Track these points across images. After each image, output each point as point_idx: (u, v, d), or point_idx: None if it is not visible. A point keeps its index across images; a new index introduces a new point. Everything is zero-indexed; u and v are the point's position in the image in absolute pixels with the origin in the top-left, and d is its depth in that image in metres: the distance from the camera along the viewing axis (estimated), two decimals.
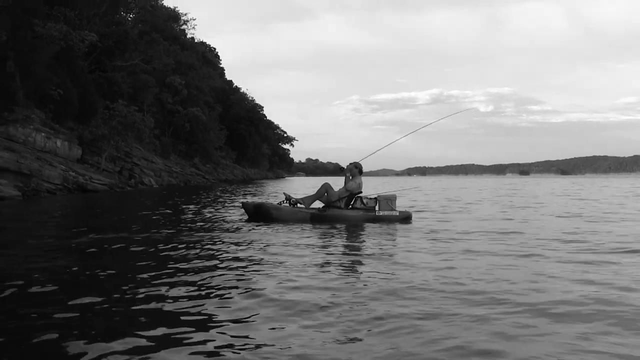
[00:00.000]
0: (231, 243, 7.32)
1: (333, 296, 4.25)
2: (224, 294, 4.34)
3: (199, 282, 4.76)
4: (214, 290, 4.46)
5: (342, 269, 5.44)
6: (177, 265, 5.58)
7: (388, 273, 5.24)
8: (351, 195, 10.86)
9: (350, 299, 4.18)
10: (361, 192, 11.02)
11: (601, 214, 12.97)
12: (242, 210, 11.45)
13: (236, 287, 4.56)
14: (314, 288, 4.53)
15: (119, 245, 7.09)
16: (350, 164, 11.18)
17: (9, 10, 22.54)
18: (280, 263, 5.75)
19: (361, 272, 5.34)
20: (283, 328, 3.46)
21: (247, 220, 10.55)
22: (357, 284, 4.71)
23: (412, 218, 10.94)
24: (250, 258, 6.04)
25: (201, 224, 10.05)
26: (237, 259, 6.03)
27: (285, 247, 6.87)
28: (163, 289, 4.48)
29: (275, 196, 19.07)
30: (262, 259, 5.98)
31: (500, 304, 4.06)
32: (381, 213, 10.72)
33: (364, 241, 7.80)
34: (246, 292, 4.38)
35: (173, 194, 24.77)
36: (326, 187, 10.93)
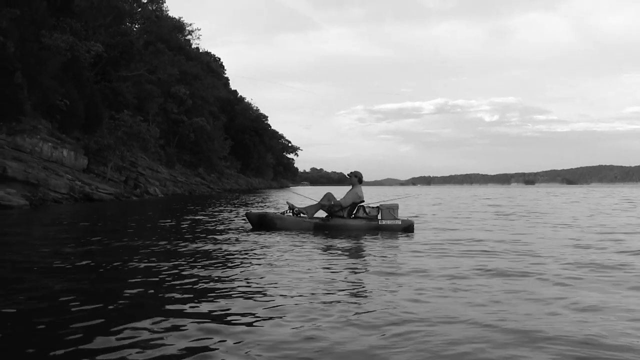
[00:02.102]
0: (235, 253, 7.43)
1: (340, 314, 4.14)
2: (225, 306, 4.38)
3: (201, 295, 4.82)
4: (216, 303, 4.50)
5: (348, 285, 5.21)
6: (179, 277, 5.66)
7: (390, 289, 5.25)
8: (353, 204, 10.98)
9: (355, 319, 4.02)
10: (363, 201, 11.13)
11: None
12: (246, 220, 11.58)
13: (238, 300, 4.59)
14: (317, 303, 4.51)
15: (124, 254, 7.21)
16: (351, 173, 11.35)
17: (17, 22, 22.85)
18: (285, 275, 5.81)
19: (365, 289, 5.09)
20: (287, 343, 3.44)
21: (251, 230, 10.68)
22: (362, 301, 4.58)
23: (414, 227, 11.05)
24: (253, 270, 6.08)
25: (205, 234, 10.16)
26: (240, 269, 6.13)
27: (289, 259, 6.88)
28: (165, 303, 4.52)
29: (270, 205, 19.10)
30: (266, 271, 6.01)
31: (501, 322, 4.01)
32: (383, 222, 10.81)
33: (367, 253, 7.68)
34: (248, 306, 4.34)
35: (178, 203, 24.93)
36: (328, 197, 11.05)
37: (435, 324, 3.83)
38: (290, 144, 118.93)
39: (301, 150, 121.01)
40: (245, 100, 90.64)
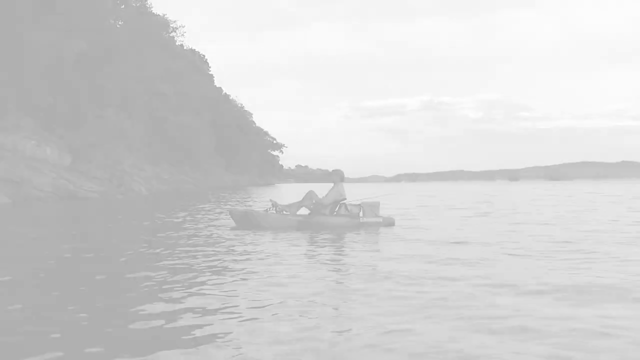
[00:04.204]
0: (218, 251, 7.54)
1: (325, 312, 4.21)
2: (208, 306, 4.38)
3: (184, 294, 4.85)
4: (198, 302, 4.53)
5: (331, 282, 5.34)
6: (162, 276, 5.71)
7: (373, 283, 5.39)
8: (335, 202, 11.18)
9: (340, 315, 4.14)
10: (345, 199, 11.32)
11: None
12: (229, 217, 11.69)
13: (223, 300, 4.61)
14: (303, 299, 4.58)
15: (107, 255, 7.32)
16: (332, 171, 11.55)
17: None
18: (269, 273, 5.90)
19: (348, 284, 5.21)
20: (274, 344, 3.44)
21: (235, 228, 10.81)
22: (345, 298, 4.67)
23: (395, 224, 11.28)
24: (238, 268, 6.17)
25: (188, 232, 10.27)
26: (225, 268, 6.22)
27: (273, 256, 6.97)
28: (149, 302, 4.53)
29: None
30: (251, 269, 6.07)
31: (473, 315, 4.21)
32: (365, 219, 11.04)
33: (348, 253, 7.67)
34: (234, 306, 4.39)
35: (162, 201, 24.93)
36: (311, 195, 11.23)
37: (414, 332, 3.71)
38: (275, 141, 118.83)
39: (286, 147, 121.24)
40: (230, 98, 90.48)
